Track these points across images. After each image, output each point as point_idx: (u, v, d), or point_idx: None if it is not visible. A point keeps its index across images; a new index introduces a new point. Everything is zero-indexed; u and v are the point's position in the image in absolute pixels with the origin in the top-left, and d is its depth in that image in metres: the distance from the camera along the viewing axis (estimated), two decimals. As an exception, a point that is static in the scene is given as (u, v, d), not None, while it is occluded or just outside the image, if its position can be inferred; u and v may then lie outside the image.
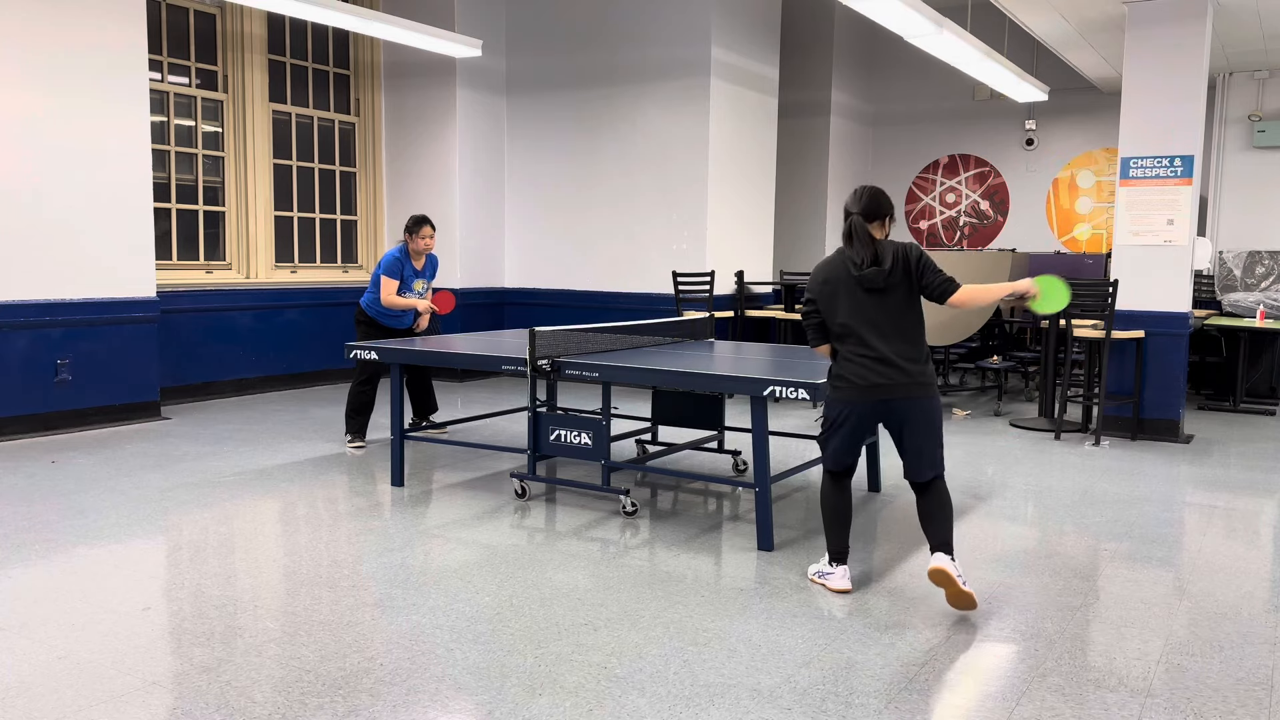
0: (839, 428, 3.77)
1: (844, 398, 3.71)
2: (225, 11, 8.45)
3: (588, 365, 4.68)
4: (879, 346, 3.65)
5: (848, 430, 3.76)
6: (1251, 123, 9.82)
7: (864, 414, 3.72)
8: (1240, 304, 9.07)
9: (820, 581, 3.90)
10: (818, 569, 3.95)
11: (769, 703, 2.88)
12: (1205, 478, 5.95)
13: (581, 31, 9.41)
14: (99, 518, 4.68)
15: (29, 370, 6.58)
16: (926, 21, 6.56)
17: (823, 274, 3.74)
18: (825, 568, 3.91)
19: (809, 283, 3.78)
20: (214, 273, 8.49)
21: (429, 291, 6.66)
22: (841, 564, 3.88)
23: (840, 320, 3.69)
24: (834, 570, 3.88)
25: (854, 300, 3.67)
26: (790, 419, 7.63)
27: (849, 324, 3.68)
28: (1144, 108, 6.94)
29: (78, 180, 6.71)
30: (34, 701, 2.82)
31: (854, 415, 3.72)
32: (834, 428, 3.78)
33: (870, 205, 3.71)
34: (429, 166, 9.58)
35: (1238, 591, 3.94)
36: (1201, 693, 3.01)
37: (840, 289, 3.69)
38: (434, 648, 3.23)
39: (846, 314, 3.68)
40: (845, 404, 3.72)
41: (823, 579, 3.90)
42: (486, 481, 5.55)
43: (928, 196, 11.87)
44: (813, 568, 4.00)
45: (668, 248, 9.13)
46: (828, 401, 3.80)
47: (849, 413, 3.72)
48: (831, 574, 3.87)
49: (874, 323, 3.66)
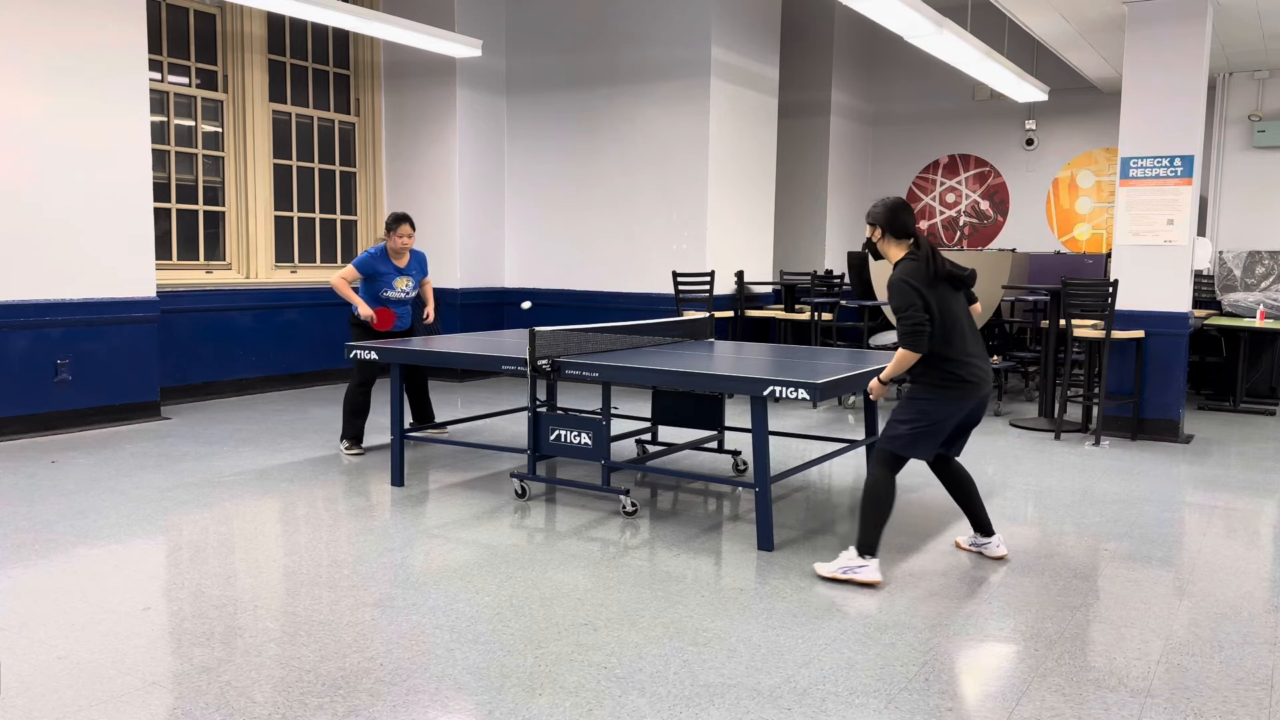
0: (940, 424, 3.95)
1: (958, 396, 3.91)
2: (225, 11, 8.45)
3: (588, 365, 4.68)
4: (977, 348, 3.98)
5: (947, 426, 3.97)
6: (1251, 123, 9.82)
7: (969, 410, 3.99)
8: (1240, 304, 9.07)
9: (848, 576, 3.90)
10: (843, 564, 3.93)
11: (769, 703, 2.88)
12: (1205, 478, 5.95)
13: (581, 31, 9.41)
14: (99, 518, 4.68)
15: (29, 370, 6.58)
16: (926, 21, 6.56)
17: (922, 282, 3.88)
18: (854, 561, 3.91)
19: (912, 291, 3.86)
20: (214, 273, 8.49)
21: (414, 290, 6.53)
22: (874, 557, 3.92)
23: (953, 327, 3.91)
24: (867, 563, 3.90)
25: (950, 305, 3.93)
26: (790, 419, 7.63)
27: (953, 328, 3.91)
28: (1144, 108, 6.94)
29: (78, 180, 6.72)
30: (34, 701, 2.82)
31: (960, 412, 3.95)
32: (935, 424, 3.94)
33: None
34: (429, 166, 9.58)
35: (1238, 591, 3.94)
36: (1201, 693, 3.01)
37: (935, 296, 3.88)
38: (434, 648, 3.23)
39: (951, 319, 3.90)
40: (957, 403, 3.92)
41: (852, 573, 3.90)
42: (486, 481, 5.55)
43: (928, 196, 11.87)
44: (833, 565, 3.96)
45: (668, 248, 9.13)
46: (932, 401, 3.92)
47: (956, 410, 3.94)
48: (865, 566, 3.89)
49: (969, 326, 3.98)
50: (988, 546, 4.29)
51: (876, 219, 4.03)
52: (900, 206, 4.01)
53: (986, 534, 4.29)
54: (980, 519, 4.28)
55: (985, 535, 4.30)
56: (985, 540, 4.30)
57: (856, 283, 9.40)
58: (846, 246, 11.39)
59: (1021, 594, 3.86)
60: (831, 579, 3.93)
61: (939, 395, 3.91)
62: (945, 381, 3.90)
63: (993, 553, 4.28)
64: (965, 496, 4.25)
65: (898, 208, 4.00)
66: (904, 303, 3.85)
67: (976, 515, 4.27)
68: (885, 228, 4.01)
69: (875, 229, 4.05)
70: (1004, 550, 4.29)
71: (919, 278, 3.88)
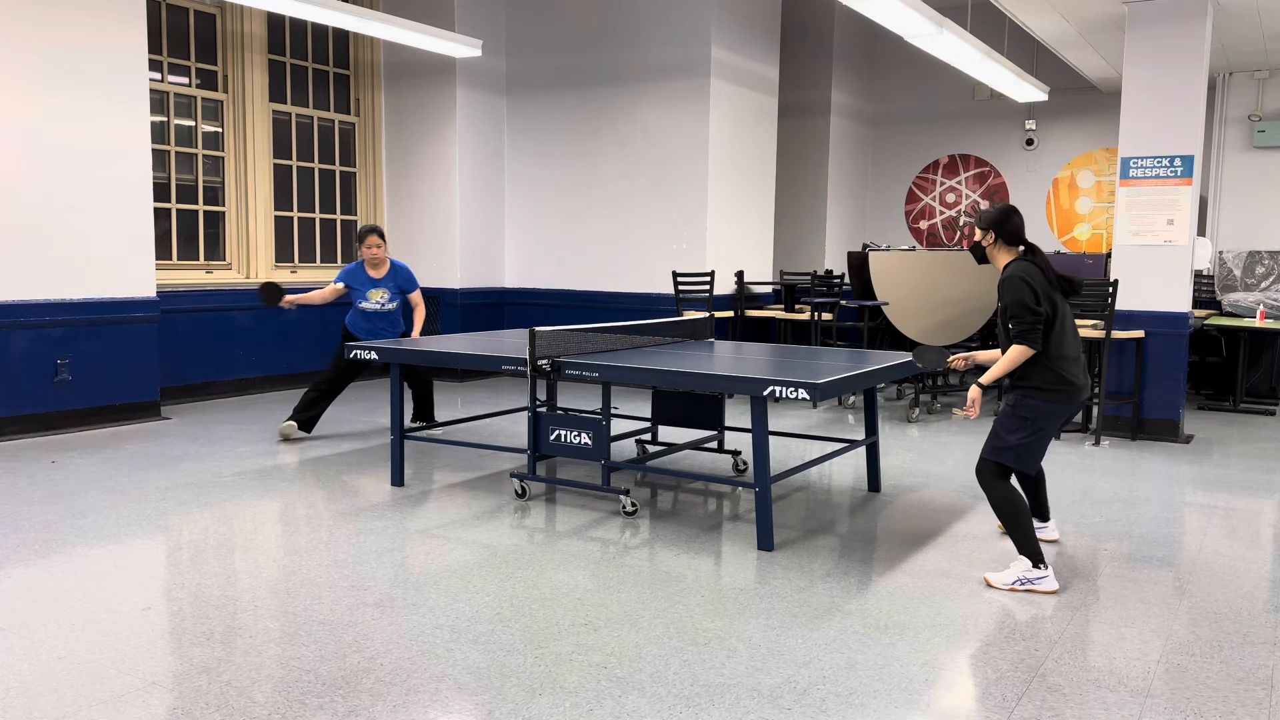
0: (1047, 430, 3.99)
1: (1065, 399, 3.95)
2: (225, 11, 8.45)
3: (588, 365, 4.68)
4: (1078, 353, 4.04)
5: (1052, 431, 4.03)
6: (1251, 123, 9.82)
7: (1072, 412, 4.06)
8: (1240, 304, 9.07)
9: (1027, 588, 3.85)
10: (1019, 576, 3.87)
11: (769, 703, 2.88)
12: (1205, 478, 5.95)
13: (581, 31, 9.41)
14: (99, 518, 4.68)
15: (29, 370, 6.58)
16: (926, 21, 6.56)
17: (1040, 285, 3.93)
18: (1031, 572, 3.86)
19: (1028, 288, 3.90)
20: (214, 273, 8.49)
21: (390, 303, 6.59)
22: (1046, 564, 3.90)
23: (1063, 332, 3.95)
24: (1045, 572, 3.87)
25: (1060, 308, 3.98)
26: (790, 419, 7.63)
27: (1063, 330, 3.95)
28: (1144, 108, 6.94)
29: (78, 180, 6.71)
30: (34, 701, 2.82)
31: (1065, 415, 4.03)
32: (1043, 432, 3.98)
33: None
34: (429, 166, 9.58)
35: (1238, 591, 3.94)
36: (1201, 693, 3.02)
37: (1049, 293, 3.94)
38: (434, 648, 3.23)
39: (1060, 321, 3.95)
40: (1064, 405, 3.97)
41: (1030, 585, 3.85)
42: (486, 481, 5.55)
43: (928, 196, 11.87)
44: (1007, 576, 3.90)
45: (668, 248, 9.13)
46: (1041, 404, 3.93)
47: (1062, 413, 4.00)
48: (1044, 576, 3.86)
49: (1074, 330, 4.05)
50: (1044, 530, 4.45)
51: (990, 224, 4.08)
52: (1013, 211, 4.08)
53: (1043, 520, 4.46)
54: (1041, 506, 4.45)
55: (1042, 521, 4.46)
56: (1042, 525, 4.45)
57: (856, 283, 9.40)
58: (846, 246, 11.39)
59: (1021, 594, 3.85)
60: (1010, 590, 3.86)
61: (1047, 399, 3.93)
62: (1053, 384, 3.92)
63: (1047, 536, 4.45)
64: (1034, 486, 4.40)
65: (1010, 212, 4.07)
66: (1019, 298, 3.90)
67: (1039, 502, 4.43)
68: (999, 232, 4.06)
69: (988, 234, 4.09)
70: (1057, 534, 4.53)
71: (1033, 275, 3.94)
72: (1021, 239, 4.08)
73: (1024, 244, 4.08)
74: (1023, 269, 3.97)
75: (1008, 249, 4.08)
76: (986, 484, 3.99)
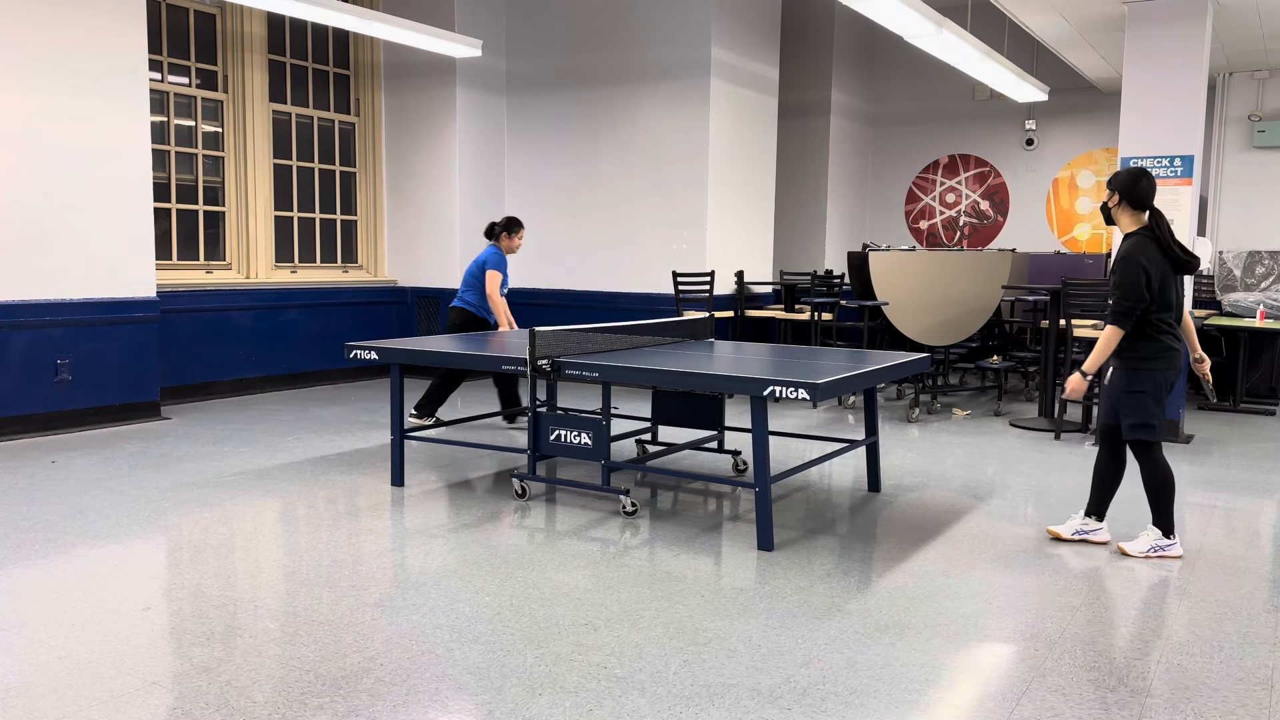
0: (1162, 396, 4.13)
1: (1170, 363, 4.11)
2: (225, 11, 8.45)
3: (588, 365, 4.68)
4: (1177, 328, 4.17)
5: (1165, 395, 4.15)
6: (1251, 123, 9.82)
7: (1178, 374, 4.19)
8: (1240, 304, 9.07)
9: (1160, 554, 4.23)
10: (1152, 544, 4.24)
11: (769, 703, 2.88)
12: (1205, 478, 5.95)
13: (581, 31, 9.41)
14: (99, 518, 4.68)
15: (29, 370, 6.58)
16: (926, 21, 6.56)
17: (1152, 257, 4.02)
18: (1162, 541, 4.24)
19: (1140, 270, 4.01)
20: (214, 273, 8.49)
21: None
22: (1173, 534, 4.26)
23: (1167, 298, 4.07)
24: (1174, 541, 4.25)
25: (1169, 283, 4.08)
26: (790, 419, 7.63)
27: (1167, 303, 4.08)
28: (1144, 108, 6.94)
29: (78, 180, 6.71)
30: (34, 701, 2.82)
31: (1173, 378, 4.16)
32: (1161, 398, 4.13)
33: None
34: (429, 166, 9.58)
35: (1238, 591, 3.94)
36: (1201, 693, 3.01)
37: (1162, 270, 4.04)
38: (434, 648, 3.23)
39: (1166, 293, 4.07)
40: (1172, 368, 4.12)
41: (1162, 551, 4.24)
42: (486, 481, 5.55)
43: (928, 196, 11.87)
44: (1141, 544, 4.26)
45: (668, 248, 9.13)
46: (1152, 375, 4.09)
47: (1172, 377, 4.14)
48: (1173, 544, 4.24)
49: (1179, 307, 4.16)
50: (1098, 533, 4.52)
51: (1117, 186, 4.15)
52: (1142, 175, 4.13)
53: (1100, 519, 4.54)
54: (1103, 505, 4.51)
55: (1099, 520, 4.54)
56: (1097, 526, 4.53)
57: (856, 283, 9.40)
58: (846, 246, 11.40)
59: (1021, 594, 3.86)
60: (1144, 557, 4.23)
61: (1156, 367, 4.10)
62: (1158, 352, 4.08)
63: (1099, 538, 4.52)
64: (1107, 482, 4.46)
65: (1140, 177, 4.12)
66: (1129, 279, 4.00)
67: (1102, 500, 4.50)
68: (1124, 195, 4.13)
69: (1114, 195, 4.17)
70: (1109, 536, 4.54)
71: (1150, 254, 4.02)
72: (1148, 204, 4.15)
73: (1149, 209, 4.14)
74: (1141, 246, 4.06)
75: (1133, 213, 4.17)
76: (1142, 460, 4.21)
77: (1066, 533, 4.52)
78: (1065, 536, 4.52)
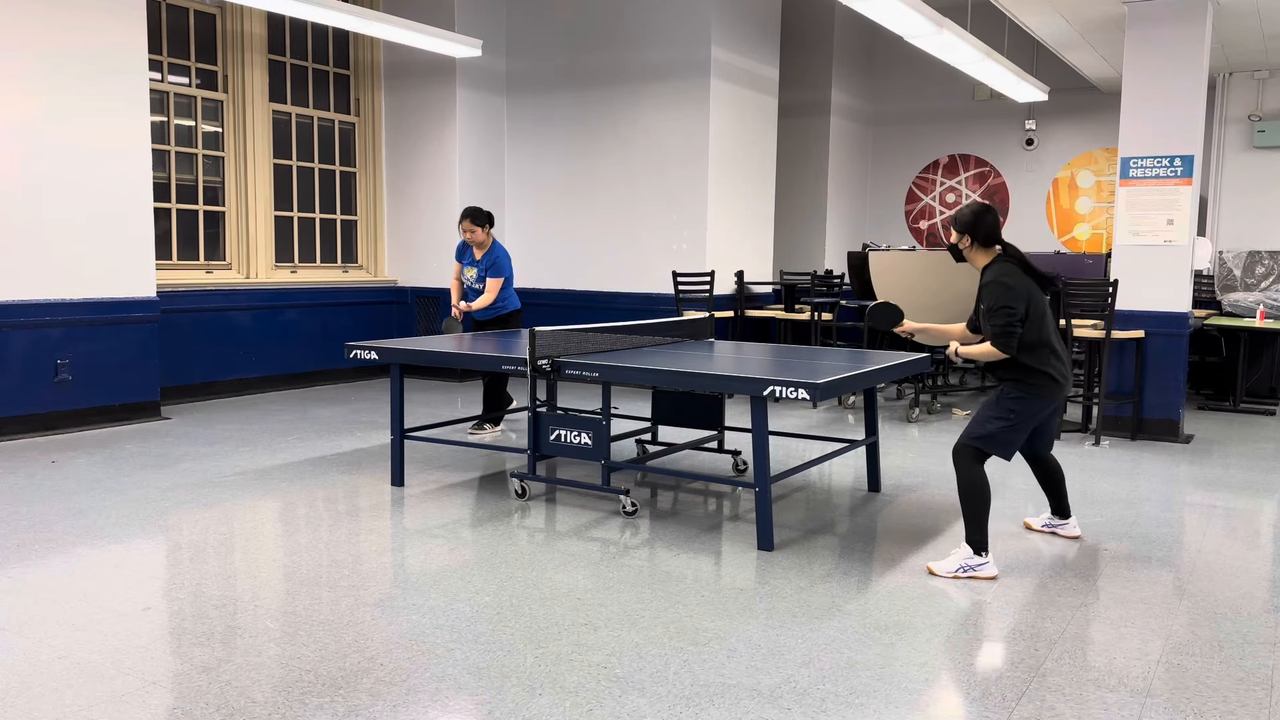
0: (1027, 423, 4.08)
1: (1047, 395, 4.05)
2: (225, 11, 8.45)
3: (588, 365, 4.68)
4: (1061, 348, 4.12)
5: (1031, 425, 4.12)
6: (1251, 123, 9.82)
7: (1055, 408, 4.18)
8: (1240, 304, 9.06)
9: (969, 575, 3.99)
10: (960, 563, 4.01)
11: (769, 703, 2.88)
12: (1205, 478, 5.95)
13: (581, 32, 9.41)
14: (99, 518, 4.68)
15: (29, 370, 6.57)
16: (926, 21, 6.56)
17: (1024, 290, 4.00)
18: (972, 560, 4.01)
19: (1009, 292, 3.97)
20: (214, 273, 8.49)
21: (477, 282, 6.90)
22: (988, 553, 4.04)
23: (1044, 328, 4.04)
24: (985, 559, 4.03)
25: (1042, 306, 4.05)
26: (790, 419, 7.63)
27: (1044, 329, 4.04)
28: (1144, 108, 6.94)
29: (78, 180, 6.71)
30: (34, 701, 2.82)
31: (1045, 411, 4.13)
32: (1022, 423, 4.07)
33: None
34: (429, 166, 9.58)
35: (1238, 591, 3.94)
36: (1201, 693, 3.01)
37: (1037, 302, 4.02)
38: (434, 648, 3.23)
39: (1046, 323, 4.05)
40: (1045, 401, 4.07)
41: (971, 571, 3.99)
42: (486, 481, 5.55)
43: (928, 196, 11.87)
44: (948, 564, 4.03)
45: (668, 248, 9.13)
46: (1024, 400, 4.04)
47: (1043, 409, 4.10)
48: (984, 564, 4.02)
49: (1055, 326, 4.13)
50: (1064, 527, 4.60)
51: (964, 228, 4.12)
52: (986, 211, 4.11)
53: (1064, 516, 4.61)
54: (1062, 504, 4.59)
55: (1063, 518, 4.61)
56: (1062, 522, 4.61)
57: (856, 283, 9.40)
58: (846, 246, 11.39)
59: (1021, 594, 3.86)
60: (951, 578, 3.99)
61: (1030, 394, 4.04)
62: (1037, 380, 4.02)
63: (1068, 533, 4.60)
64: (1054, 484, 4.54)
65: (983, 213, 4.10)
66: (999, 303, 3.96)
67: (1059, 500, 4.59)
68: (974, 235, 4.11)
69: (964, 237, 4.13)
70: (1079, 531, 4.61)
71: (1015, 277, 3.99)
72: (997, 238, 4.12)
73: (999, 243, 4.12)
74: (1003, 271, 4.03)
75: (984, 250, 4.13)
76: (961, 466, 4.07)
77: (1037, 524, 4.68)
78: (1035, 527, 4.68)
